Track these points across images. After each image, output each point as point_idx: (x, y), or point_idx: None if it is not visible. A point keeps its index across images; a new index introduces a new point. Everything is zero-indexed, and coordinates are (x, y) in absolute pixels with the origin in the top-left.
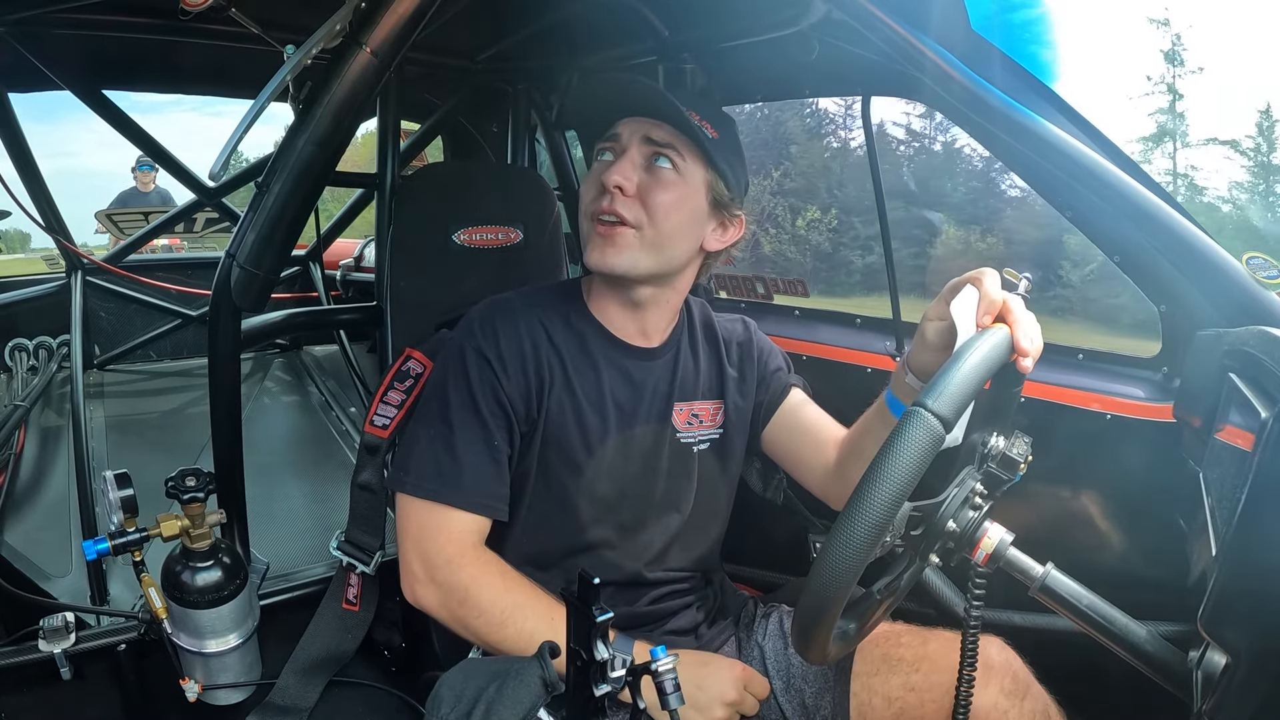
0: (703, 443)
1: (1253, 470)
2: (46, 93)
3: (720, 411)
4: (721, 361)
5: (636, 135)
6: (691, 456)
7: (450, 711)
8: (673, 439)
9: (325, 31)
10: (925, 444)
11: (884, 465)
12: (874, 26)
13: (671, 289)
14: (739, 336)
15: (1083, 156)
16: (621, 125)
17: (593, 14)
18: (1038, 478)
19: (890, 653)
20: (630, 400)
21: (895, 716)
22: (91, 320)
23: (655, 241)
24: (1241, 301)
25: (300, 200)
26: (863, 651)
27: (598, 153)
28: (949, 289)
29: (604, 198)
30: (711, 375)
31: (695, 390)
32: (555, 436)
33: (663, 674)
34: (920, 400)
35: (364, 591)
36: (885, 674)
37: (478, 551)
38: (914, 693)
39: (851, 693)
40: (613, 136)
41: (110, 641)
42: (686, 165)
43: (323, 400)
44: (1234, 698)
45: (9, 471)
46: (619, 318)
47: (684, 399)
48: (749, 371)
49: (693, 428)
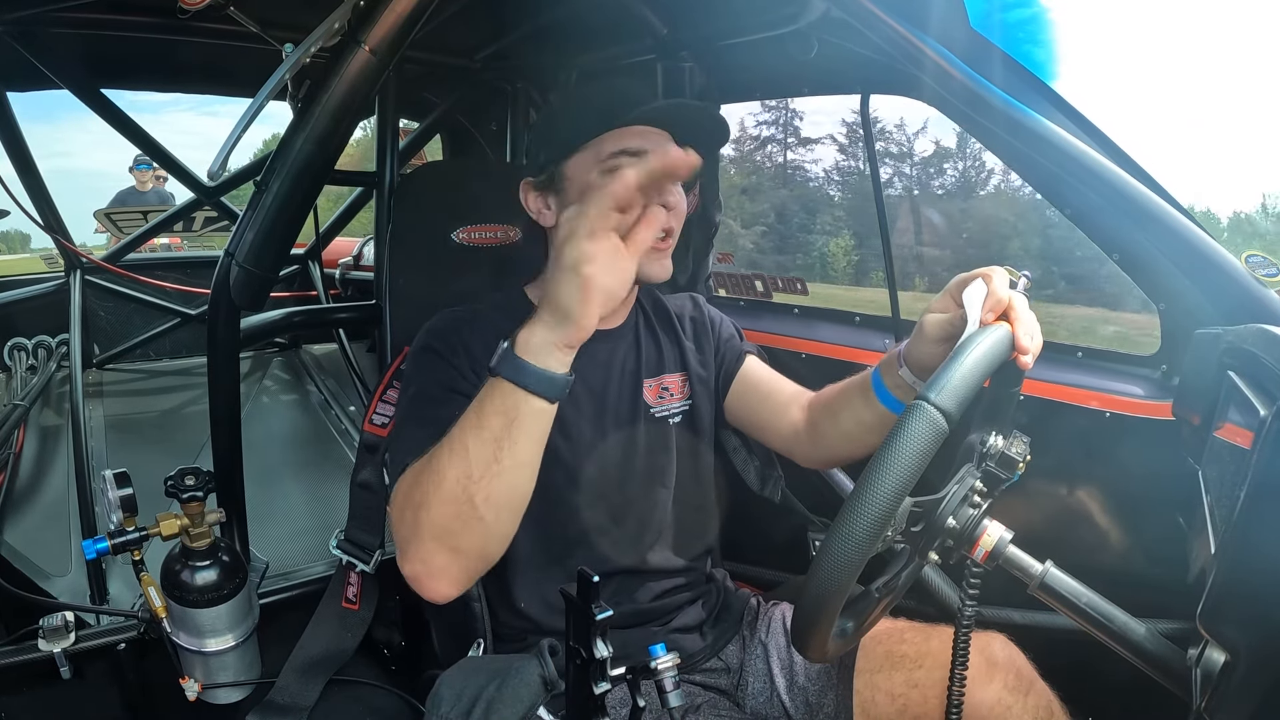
0: (675, 415)
1: (1252, 468)
2: (39, 93)
3: (686, 383)
4: (678, 335)
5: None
6: (668, 429)
7: (450, 710)
8: (647, 413)
9: (324, 30)
10: (929, 437)
11: (888, 458)
12: (873, 25)
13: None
14: (690, 311)
15: (1082, 155)
16: (648, 140)
17: (592, 12)
18: (1037, 476)
19: (893, 649)
20: (601, 379)
21: (899, 713)
22: (90, 319)
23: (673, 249)
24: (1240, 299)
25: (299, 199)
26: (865, 649)
27: (615, 164)
28: (955, 284)
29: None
30: (671, 349)
31: (660, 365)
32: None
33: (662, 673)
34: (923, 394)
35: (363, 590)
36: (889, 670)
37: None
38: (917, 689)
39: (855, 690)
40: (637, 151)
41: (110, 641)
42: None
43: (322, 399)
44: (1233, 695)
45: (8, 471)
46: None
47: (651, 374)
48: (704, 342)
49: (664, 401)
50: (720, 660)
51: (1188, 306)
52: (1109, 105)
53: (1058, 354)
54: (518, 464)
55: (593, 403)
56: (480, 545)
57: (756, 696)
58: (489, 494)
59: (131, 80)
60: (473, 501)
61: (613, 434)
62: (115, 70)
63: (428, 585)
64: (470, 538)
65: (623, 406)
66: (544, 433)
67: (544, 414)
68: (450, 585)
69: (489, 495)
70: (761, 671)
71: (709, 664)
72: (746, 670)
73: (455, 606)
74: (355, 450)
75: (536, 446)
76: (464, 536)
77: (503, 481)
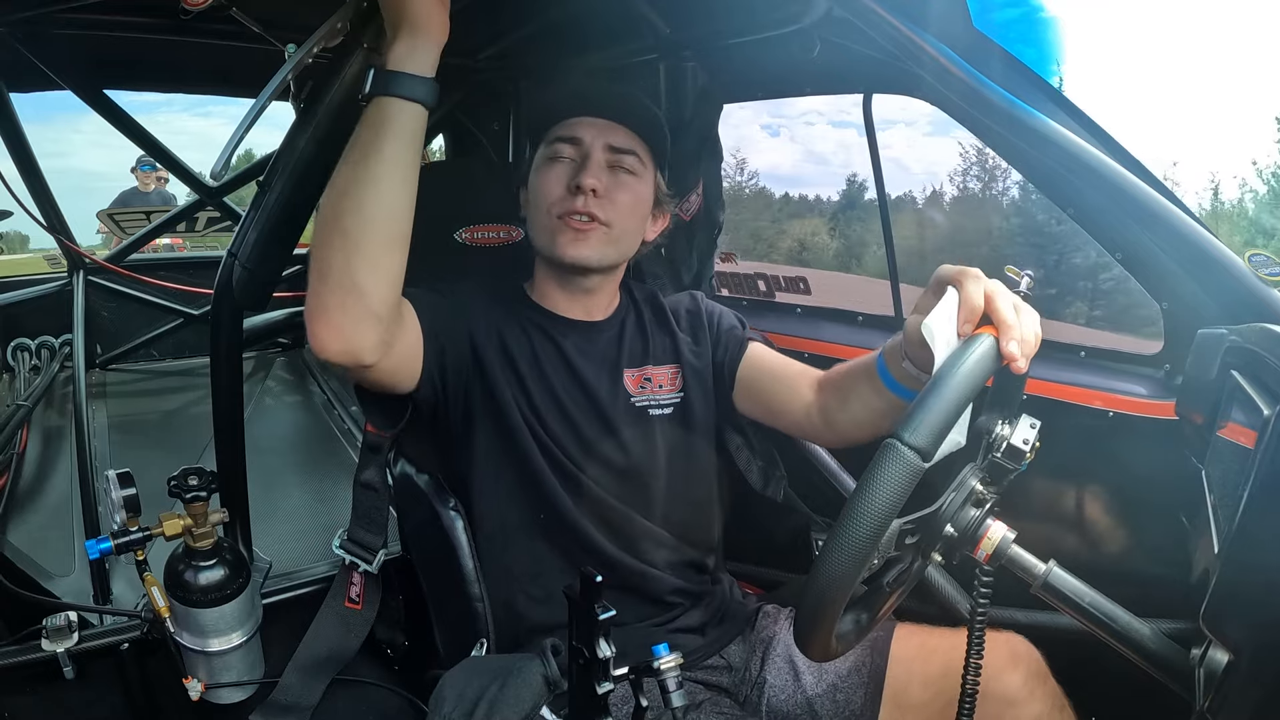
0: (663, 408)
1: (1255, 467)
2: (36, 94)
3: (678, 376)
4: (671, 328)
5: (599, 139)
6: (649, 421)
7: (453, 710)
8: (626, 402)
9: (326, 30)
10: (903, 478)
11: (862, 500)
12: (875, 24)
13: (616, 274)
14: (687, 305)
15: (1084, 153)
16: (582, 127)
17: (594, 12)
18: (1040, 475)
19: (927, 641)
20: (580, 364)
21: (931, 700)
22: (93, 320)
23: (619, 238)
24: (1244, 298)
25: (302, 199)
26: (900, 640)
27: (553, 151)
28: (935, 281)
29: (577, 198)
30: (663, 342)
31: (645, 357)
32: (499, 401)
33: (665, 672)
34: (896, 433)
35: (366, 590)
36: (924, 659)
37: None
38: (949, 678)
39: (889, 676)
40: (574, 140)
41: (113, 640)
42: (642, 167)
43: (325, 399)
44: (1236, 695)
45: (12, 471)
46: (564, 301)
47: (633, 365)
48: (700, 333)
49: (646, 391)
50: (722, 658)
51: (1191, 305)
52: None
53: (1060, 353)
54: (386, 170)
55: (569, 383)
56: (345, 266)
57: (778, 694)
58: (355, 203)
59: (134, 81)
60: (340, 216)
61: (589, 416)
62: (118, 71)
63: (311, 329)
64: (336, 257)
65: (600, 390)
66: (416, 139)
67: (415, 116)
68: (327, 329)
69: (355, 205)
70: (784, 669)
71: (709, 661)
72: (767, 668)
73: (458, 606)
74: (358, 450)
75: (408, 152)
76: (331, 258)
77: (369, 190)
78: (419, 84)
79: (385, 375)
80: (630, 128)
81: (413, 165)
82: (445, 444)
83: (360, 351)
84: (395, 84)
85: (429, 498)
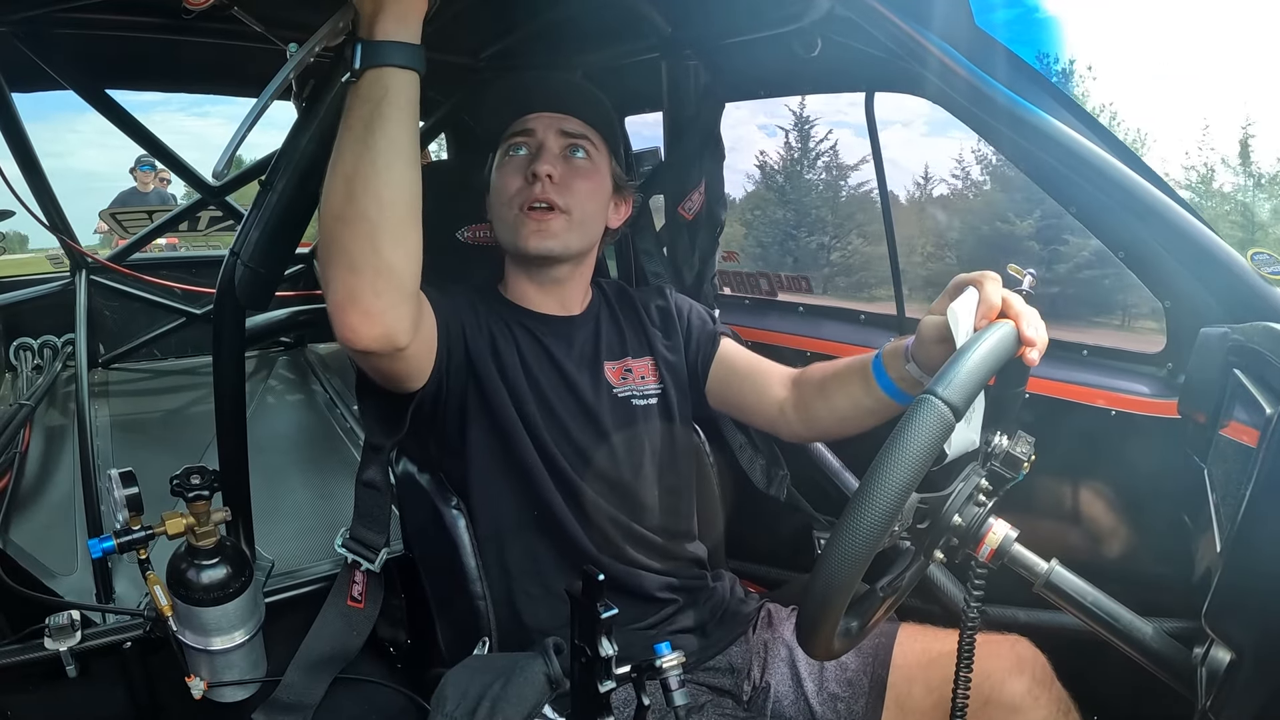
0: (646, 399)
1: (1257, 466)
2: (33, 93)
3: (655, 367)
4: (643, 321)
5: (551, 129)
6: (634, 411)
7: (455, 708)
8: (609, 393)
9: (328, 29)
10: (936, 431)
11: (896, 452)
12: (877, 22)
13: (585, 264)
14: (657, 300)
15: (1087, 152)
16: (533, 120)
17: (596, 11)
18: (1042, 474)
19: (931, 645)
20: (563, 360)
21: (934, 706)
22: (96, 319)
23: (580, 223)
24: (1246, 297)
25: (304, 198)
26: (903, 644)
27: (509, 148)
28: (953, 285)
29: (535, 186)
30: (636, 335)
31: (622, 349)
32: (491, 399)
33: (667, 671)
34: (931, 388)
35: (369, 589)
36: (927, 665)
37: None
38: (952, 682)
39: (890, 683)
40: (526, 131)
41: (116, 639)
42: (597, 153)
43: (327, 398)
44: (1238, 694)
45: (14, 470)
46: (538, 296)
47: (613, 357)
48: (671, 327)
49: (628, 382)
50: (724, 659)
51: (1193, 304)
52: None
53: (1063, 352)
54: (391, 143)
55: (553, 377)
56: (371, 249)
57: (781, 700)
58: (367, 184)
59: (136, 80)
60: (355, 201)
61: (574, 408)
62: (119, 70)
63: (344, 321)
64: (359, 243)
65: (583, 383)
66: (412, 106)
67: (411, 84)
68: (362, 317)
69: (367, 186)
70: (786, 675)
71: (711, 663)
72: (769, 673)
73: (460, 604)
74: (360, 449)
75: (408, 121)
76: (354, 244)
77: (379, 168)
78: (411, 51)
79: (412, 360)
80: (579, 116)
81: (416, 135)
82: (441, 444)
83: (396, 334)
84: (388, 53)
85: (431, 496)
